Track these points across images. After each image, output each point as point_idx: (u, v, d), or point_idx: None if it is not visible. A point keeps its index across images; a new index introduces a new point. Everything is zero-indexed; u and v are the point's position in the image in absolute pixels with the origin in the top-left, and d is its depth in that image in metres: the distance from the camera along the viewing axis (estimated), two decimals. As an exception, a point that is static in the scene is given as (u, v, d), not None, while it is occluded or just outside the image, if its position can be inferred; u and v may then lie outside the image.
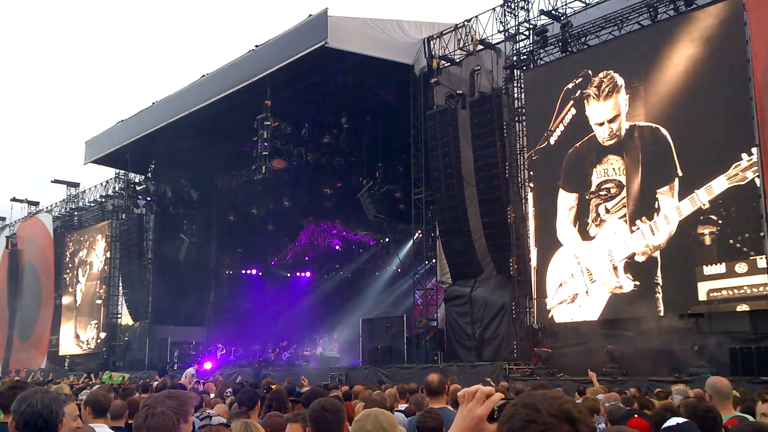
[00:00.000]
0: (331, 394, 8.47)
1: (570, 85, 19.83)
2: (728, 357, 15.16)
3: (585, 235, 19.18)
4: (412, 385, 10.22)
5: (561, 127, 19.97)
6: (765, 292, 15.73)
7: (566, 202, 19.80)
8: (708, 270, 16.73)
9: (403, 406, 7.98)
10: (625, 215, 18.26)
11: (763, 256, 15.71)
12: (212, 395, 10.81)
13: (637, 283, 17.84)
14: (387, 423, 3.42)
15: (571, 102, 19.74)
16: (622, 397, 9.48)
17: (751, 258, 15.96)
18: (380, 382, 17.22)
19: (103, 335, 36.62)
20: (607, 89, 19.00)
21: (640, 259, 17.86)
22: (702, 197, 16.75)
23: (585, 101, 19.46)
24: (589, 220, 19.07)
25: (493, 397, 2.04)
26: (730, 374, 13.65)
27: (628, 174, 18.31)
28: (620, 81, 18.74)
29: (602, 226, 18.75)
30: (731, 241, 16.37)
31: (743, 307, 16.22)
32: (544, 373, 18.09)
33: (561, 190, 19.96)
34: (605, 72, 19.11)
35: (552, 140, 20.14)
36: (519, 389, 11.67)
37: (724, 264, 16.45)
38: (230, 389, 11.56)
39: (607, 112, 18.98)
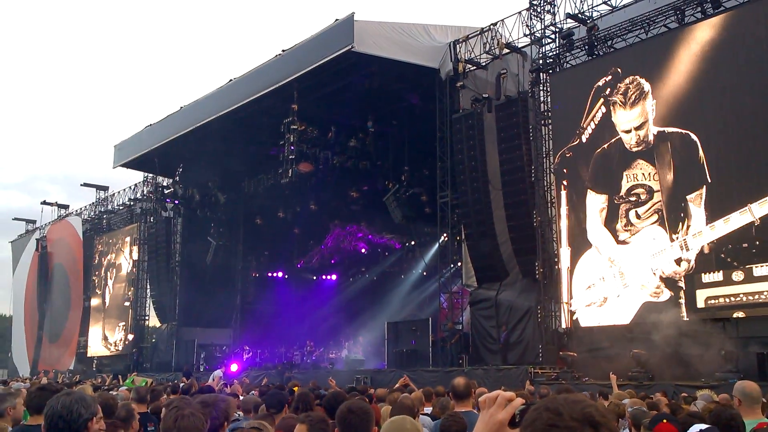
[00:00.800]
0: (356, 397, 8.52)
1: (600, 83, 19.62)
2: (756, 361, 15.00)
3: (617, 239, 19.07)
4: (439, 388, 10.22)
5: (592, 125, 19.77)
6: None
7: (596, 203, 19.65)
8: (706, 278, 16.93)
9: (428, 410, 7.98)
10: (658, 220, 18.05)
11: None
12: (241, 397, 10.91)
13: (672, 294, 17.70)
14: (411, 427, 3.48)
15: (601, 100, 19.54)
16: (647, 402, 9.45)
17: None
18: (405, 385, 17.23)
19: (130, 337, 36.97)
20: (633, 96, 18.81)
21: (678, 268, 17.70)
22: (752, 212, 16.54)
23: (612, 107, 19.33)
24: (619, 226, 18.88)
25: (514, 402, 2.04)
26: (758, 379, 13.49)
27: (662, 180, 18.09)
28: (647, 87, 18.54)
29: (637, 233, 18.53)
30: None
31: (739, 314, 16.28)
32: (570, 377, 17.98)
33: (590, 191, 19.84)
34: (632, 77, 18.94)
35: (584, 138, 19.94)
36: (544, 393, 11.66)
37: (721, 272, 16.57)
38: (255, 391, 11.65)
39: (634, 119, 18.79)
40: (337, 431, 3.97)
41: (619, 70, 19.30)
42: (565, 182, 20.47)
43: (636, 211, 18.57)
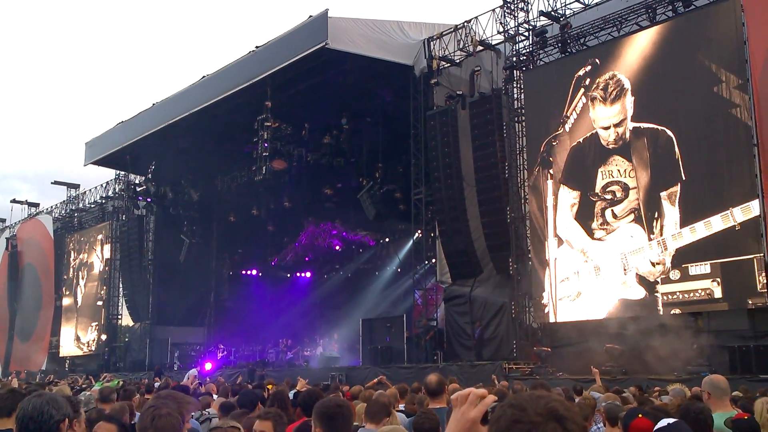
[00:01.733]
0: (331, 394, 8.51)
1: (581, 72, 19.67)
2: (727, 355, 15.22)
3: (591, 235, 19.18)
4: (415, 385, 10.24)
5: (574, 114, 19.79)
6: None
7: (567, 198, 19.79)
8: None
9: (402, 406, 7.99)
10: (635, 219, 18.17)
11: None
12: (214, 396, 10.85)
13: (647, 292, 17.88)
14: None
15: (582, 90, 19.56)
16: (620, 397, 9.52)
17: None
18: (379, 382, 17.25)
19: (103, 336, 36.62)
20: (614, 92, 18.88)
21: (654, 269, 17.85)
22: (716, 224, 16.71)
23: (591, 102, 19.40)
24: (595, 224, 18.99)
25: (486, 400, 2.04)
26: (729, 372, 13.71)
27: (638, 177, 18.21)
28: (627, 83, 18.66)
29: (613, 231, 18.62)
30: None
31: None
32: (544, 372, 18.11)
33: (562, 186, 19.96)
34: (611, 73, 19.05)
35: (567, 127, 19.96)
36: (518, 389, 11.72)
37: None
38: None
39: (614, 116, 18.88)
40: (319, 429, 3.95)
41: (597, 61, 19.38)
42: (551, 171, 20.37)
43: (612, 210, 18.70)
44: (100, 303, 37.81)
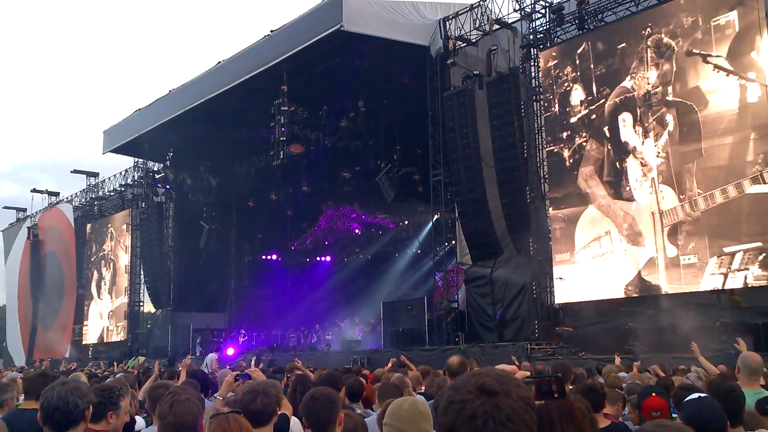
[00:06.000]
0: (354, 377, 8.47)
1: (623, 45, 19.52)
2: (751, 332, 15.07)
3: (618, 194, 19.10)
4: (422, 367, 10.23)
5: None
6: None
7: (594, 154, 19.77)
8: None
9: (423, 389, 7.97)
10: (664, 180, 18.10)
11: None
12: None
13: (677, 252, 17.73)
14: (424, 409, 3.44)
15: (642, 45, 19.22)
16: (639, 377, 9.47)
17: None
18: (402, 365, 17.25)
19: (125, 323, 36.96)
20: (667, 52, 18.53)
21: (685, 228, 17.73)
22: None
23: (641, 61, 19.02)
24: (624, 181, 18.97)
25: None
26: (753, 349, 13.53)
27: (670, 142, 18.11)
28: (674, 46, 18.40)
29: (641, 189, 18.56)
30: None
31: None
32: (566, 352, 18.05)
33: (591, 141, 19.93)
34: (658, 36, 18.70)
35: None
36: (540, 369, 11.66)
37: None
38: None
39: (660, 76, 18.63)
40: (305, 419, 4.00)
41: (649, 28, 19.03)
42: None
43: (642, 170, 18.58)
44: (121, 290, 38.14)
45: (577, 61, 20.51)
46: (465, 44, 22.51)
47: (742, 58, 16.97)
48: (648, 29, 18.82)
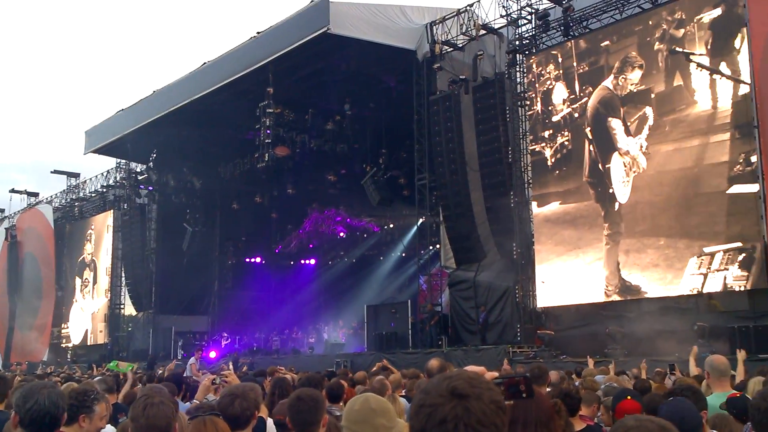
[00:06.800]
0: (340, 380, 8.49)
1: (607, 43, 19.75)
2: (727, 335, 15.25)
3: (601, 195, 19.35)
4: (412, 371, 10.30)
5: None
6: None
7: (576, 154, 20.04)
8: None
9: (405, 391, 8.05)
10: (648, 180, 18.34)
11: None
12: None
13: (658, 252, 17.87)
14: (377, 405, 3.44)
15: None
16: (617, 379, 9.56)
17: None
18: (384, 368, 17.28)
19: (106, 326, 36.60)
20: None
21: (666, 228, 17.92)
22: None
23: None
24: (607, 181, 19.15)
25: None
26: (729, 353, 13.70)
27: (653, 142, 18.31)
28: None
29: (625, 188, 18.79)
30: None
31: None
32: (548, 355, 18.17)
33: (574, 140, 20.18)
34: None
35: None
36: (520, 372, 11.70)
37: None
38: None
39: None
40: (288, 419, 4.00)
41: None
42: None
43: (625, 170, 18.80)
44: (102, 292, 37.77)
45: (560, 59, 20.64)
46: (451, 49, 22.62)
47: (725, 57, 17.10)
48: (632, 26, 19.04)
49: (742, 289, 16.36)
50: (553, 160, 20.54)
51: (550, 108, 20.72)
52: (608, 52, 19.50)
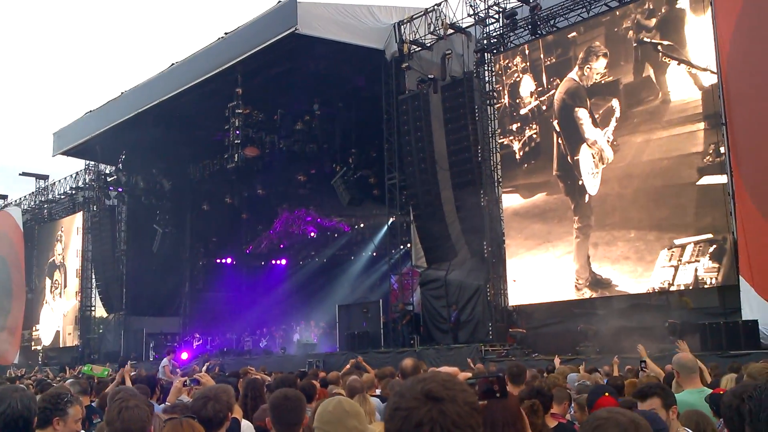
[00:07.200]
0: (311, 380, 8.49)
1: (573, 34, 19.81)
2: (698, 332, 15.41)
3: (570, 187, 19.43)
4: (387, 369, 10.27)
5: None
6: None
7: (544, 147, 20.04)
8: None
9: (379, 391, 8.02)
10: (617, 172, 18.42)
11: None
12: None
13: (628, 245, 17.94)
14: (350, 407, 3.47)
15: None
16: (590, 377, 9.65)
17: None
18: (357, 367, 17.28)
19: (77, 328, 36.28)
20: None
21: (636, 220, 17.99)
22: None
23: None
24: (576, 174, 19.25)
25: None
26: (700, 350, 13.88)
27: (621, 133, 18.35)
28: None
29: (594, 180, 18.87)
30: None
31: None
32: (520, 353, 18.25)
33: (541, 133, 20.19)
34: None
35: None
36: (493, 371, 11.76)
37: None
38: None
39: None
40: (268, 419, 3.99)
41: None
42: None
43: (594, 162, 18.86)
44: (72, 294, 37.43)
45: (527, 51, 20.71)
46: (420, 48, 22.66)
47: (693, 46, 17.06)
48: (600, 17, 19.17)
49: (713, 282, 16.37)
50: (521, 153, 20.60)
51: (517, 101, 20.79)
52: (575, 43, 19.57)
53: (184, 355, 28.72)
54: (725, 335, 14.85)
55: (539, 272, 19.68)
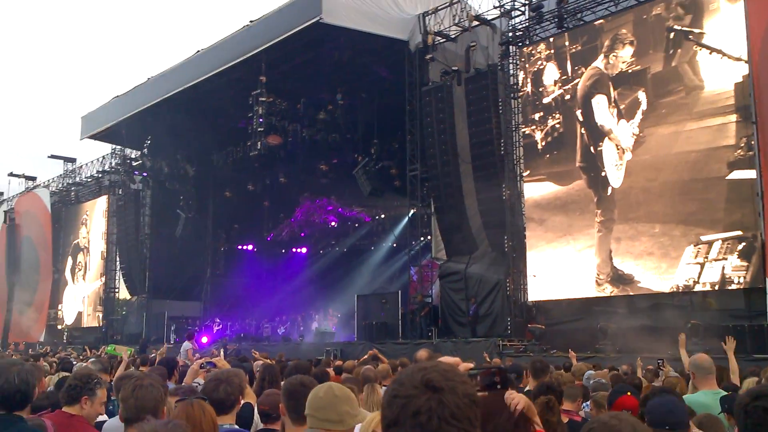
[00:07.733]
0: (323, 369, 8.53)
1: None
2: (722, 334, 15.15)
3: (594, 180, 19.11)
4: (403, 360, 10.27)
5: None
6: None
7: (568, 138, 19.78)
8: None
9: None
10: (642, 164, 18.00)
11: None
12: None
13: (653, 240, 17.55)
14: (340, 392, 3.47)
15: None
16: (611, 375, 9.56)
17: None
18: (374, 357, 17.31)
19: (98, 309, 36.76)
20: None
21: (661, 215, 17.56)
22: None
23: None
24: (599, 166, 18.88)
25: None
26: (723, 352, 13.66)
27: (648, 124, 17.87)
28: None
29: (618, 173, 18.50)
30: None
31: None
32: (537, 349, 18.16)
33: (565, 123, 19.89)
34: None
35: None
36: (496, 364, 11.73)
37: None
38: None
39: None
40: (282, 405, 3.96)
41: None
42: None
43: (618, 154, 18.50)
44: (97, 276, 37.94)
45: (551, 39, 20.41)
46: (444, 40, 22.50)
47: (726, 36, 16.32)
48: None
49: (741, 281, 15.75)
50: (543, 143, 20.30)
51: (540, 89, 20.48)
52: (602, 30, 19.06)
53: (204, 339, 29.03)
54: (750, 338, 14.49)
55: (559, 266, 19.41)
